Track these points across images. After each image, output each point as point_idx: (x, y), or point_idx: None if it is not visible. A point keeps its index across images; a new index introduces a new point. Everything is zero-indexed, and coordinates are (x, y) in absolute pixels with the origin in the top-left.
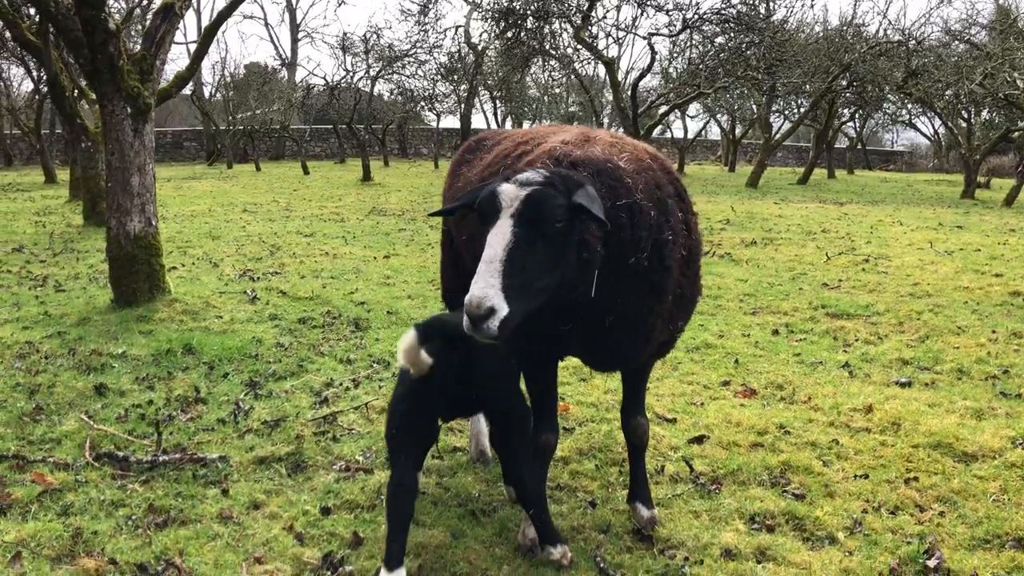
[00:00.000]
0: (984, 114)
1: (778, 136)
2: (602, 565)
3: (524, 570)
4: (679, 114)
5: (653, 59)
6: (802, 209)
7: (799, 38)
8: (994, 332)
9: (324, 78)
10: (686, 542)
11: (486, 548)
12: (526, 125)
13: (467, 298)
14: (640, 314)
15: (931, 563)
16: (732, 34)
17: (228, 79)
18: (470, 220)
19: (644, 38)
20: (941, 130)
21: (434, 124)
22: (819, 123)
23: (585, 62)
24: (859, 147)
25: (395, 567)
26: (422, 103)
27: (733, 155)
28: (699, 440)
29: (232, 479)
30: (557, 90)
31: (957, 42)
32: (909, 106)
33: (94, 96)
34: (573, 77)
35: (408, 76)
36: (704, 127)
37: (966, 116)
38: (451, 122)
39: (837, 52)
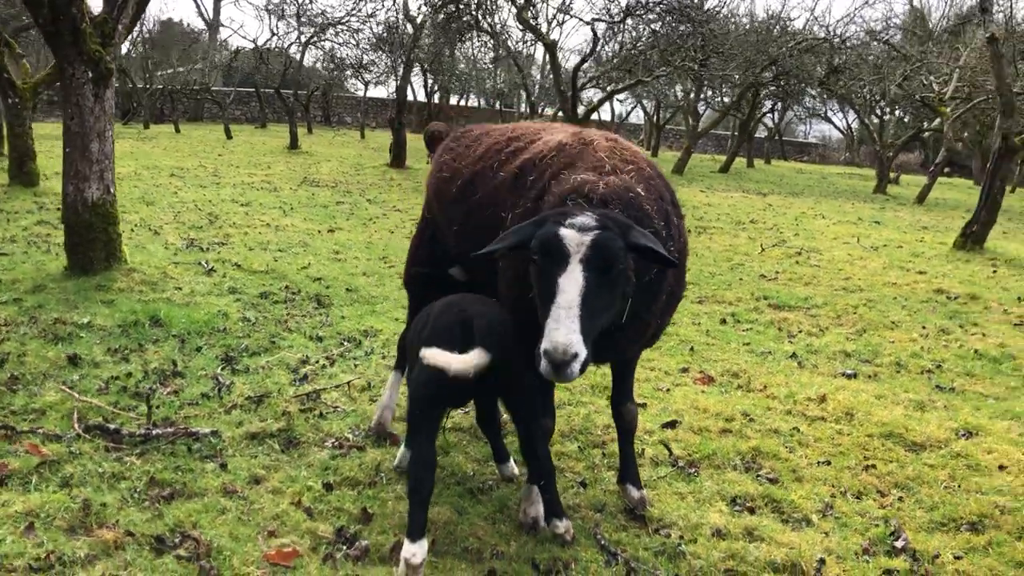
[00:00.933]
0: (897, 112)
1: (706, 124)
2: (603, 542)
3: (532, 546)
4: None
5: (595, 44)
6: (728, 199)
7: (731, 29)
8: (924, 328)
9: (254, 41)
10: (677, 522)
11: (491, 525)
12: (453, 100)
13: (551, 344)
14: (641, 315)
15: (899, 544)
16: (672, 23)
17: (146, 35)
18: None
19: (587, 23)
20: (854, 125)
21: (360, 93)
22: (742, 113)
23: (519, 41)
24: (776, 138)
25: (418, 538)
26: (350, 71)
27: (656, 140)
28: (672, 425)
29: (227, 454)
30: (488, 66)
31: (876, 42)
32: (827, 101)
33: (20, 50)
34: (504, 54)
35: (341, 44)
36: (631, 111)
37: (879, 113)
38: (378, 92)
39: (765, 45)
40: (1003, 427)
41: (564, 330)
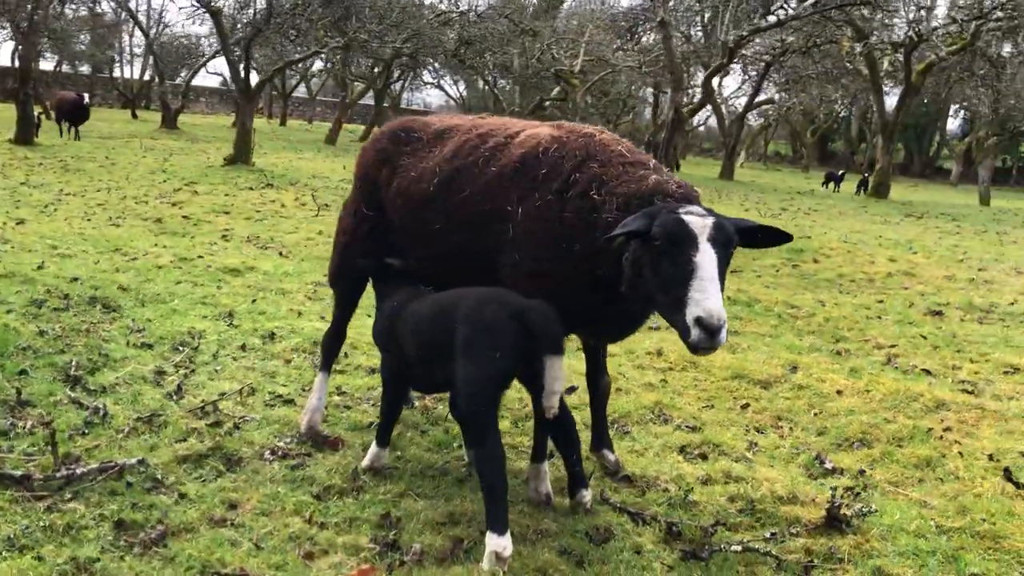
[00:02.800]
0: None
1: (354, 95)
2: (618, 505)
3: (564, 519)
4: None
5: (270, 13)
6: None
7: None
8: None
9: None
10: (659, 476)
11: (510, 506)
12: (47, 65)
13: (707, 312)
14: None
15: (828, 466)
16: None
17: None
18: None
19: None
20: (465, 93)
21: None
22: (378, 83)
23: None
24: (400, 106)
25: (504, 531)
26: None
27: (284, 109)
28: (571, 390)
29: (171, 482)
30: (75, 31)
31: (500, 16)
32: (458, 71)
33: None
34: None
35: None
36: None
37: (491, 81)
38: None
39: (409, 17)
40: (812, 360)
41: (715, 298)
